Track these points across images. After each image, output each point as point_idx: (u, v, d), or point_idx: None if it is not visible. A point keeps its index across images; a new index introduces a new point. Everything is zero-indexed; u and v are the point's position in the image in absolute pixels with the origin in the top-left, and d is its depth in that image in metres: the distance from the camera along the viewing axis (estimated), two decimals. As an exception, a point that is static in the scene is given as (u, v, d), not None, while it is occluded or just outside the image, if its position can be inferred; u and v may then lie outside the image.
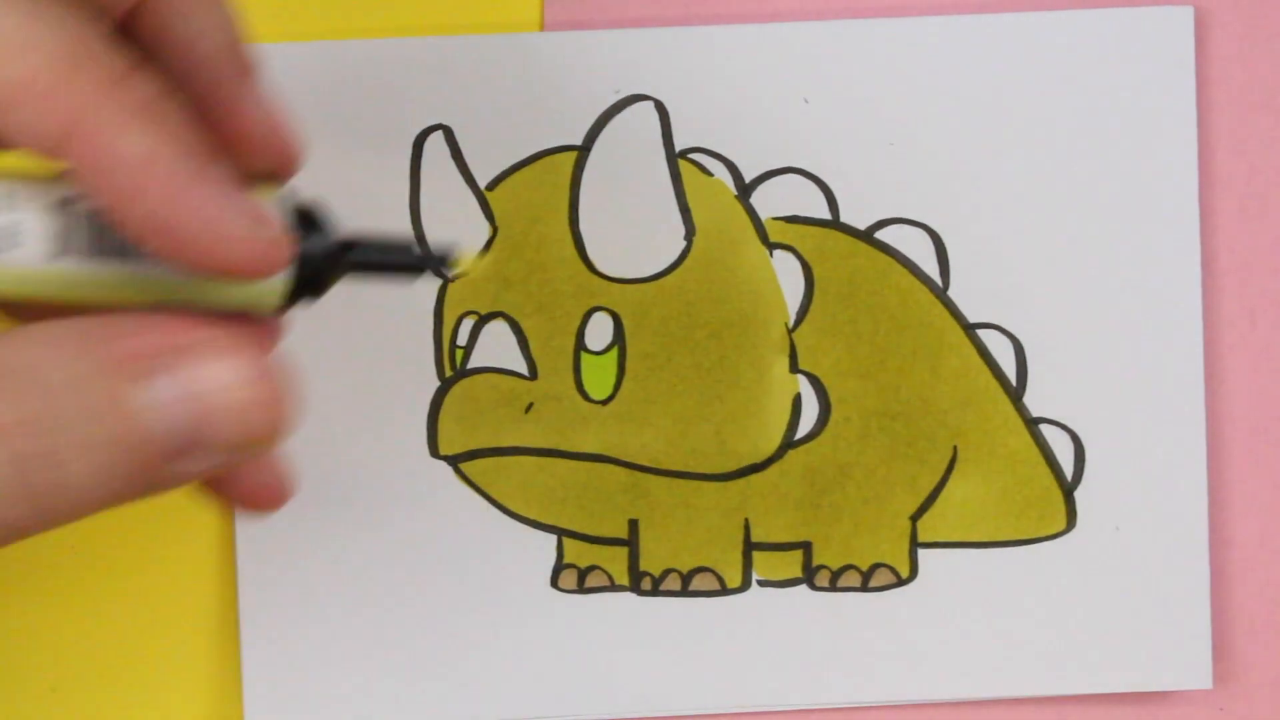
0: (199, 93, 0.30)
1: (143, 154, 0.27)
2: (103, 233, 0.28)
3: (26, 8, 0.27)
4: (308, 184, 0.32)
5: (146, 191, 0.27)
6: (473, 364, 0.43)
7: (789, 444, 0.43)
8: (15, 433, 0.26)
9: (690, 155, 0.43)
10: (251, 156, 0.31)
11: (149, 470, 0.27)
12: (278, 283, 0.29)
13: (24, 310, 0.30)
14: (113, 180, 0.27)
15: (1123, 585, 0.43)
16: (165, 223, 0.27)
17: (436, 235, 0.43)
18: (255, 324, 0.30)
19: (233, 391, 0.28)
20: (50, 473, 0.26)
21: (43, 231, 0.28)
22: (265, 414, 0.28)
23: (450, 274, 0.38)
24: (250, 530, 0.43)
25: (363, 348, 0.42)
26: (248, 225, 0.28)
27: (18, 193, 0.28)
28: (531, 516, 0.43)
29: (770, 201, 0.43)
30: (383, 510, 0.43)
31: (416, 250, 0.31)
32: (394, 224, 0.42)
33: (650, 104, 0.43)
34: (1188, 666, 0.43)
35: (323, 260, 0.30)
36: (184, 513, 0.43)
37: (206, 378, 0.28)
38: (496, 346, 0.43)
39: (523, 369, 0.43)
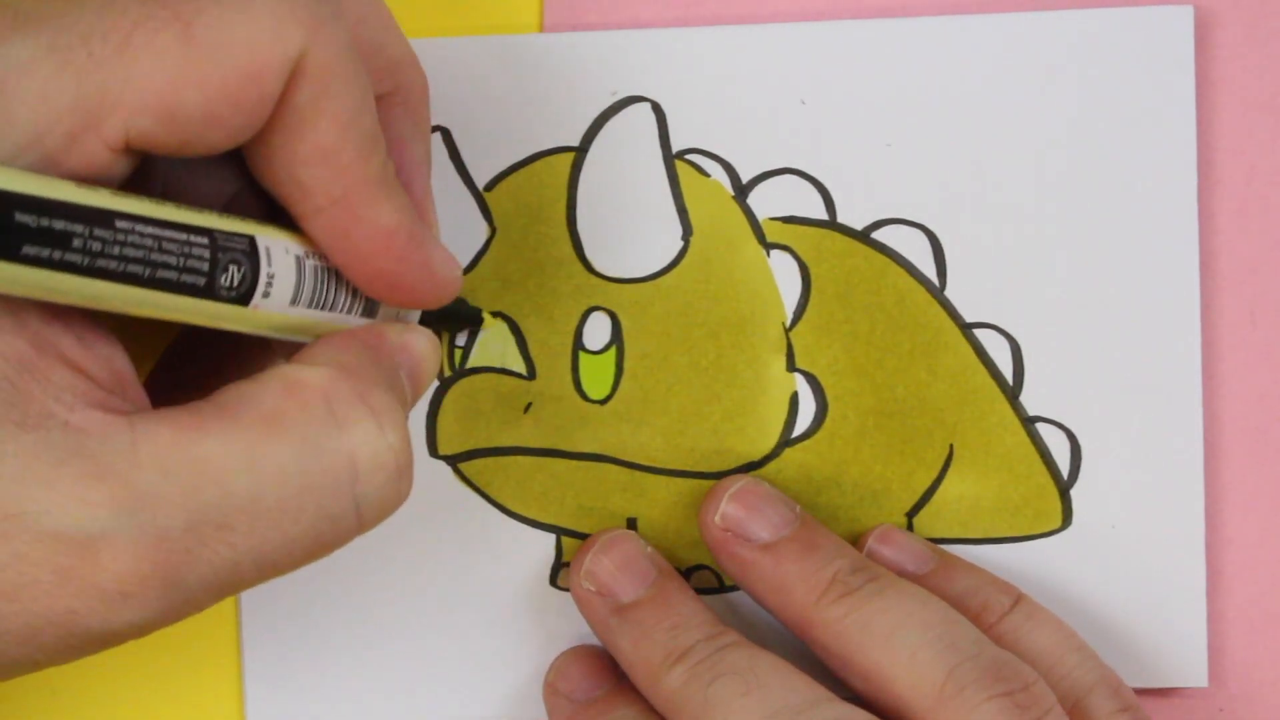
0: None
1: (391, 226, 0.34)
2: (320, 284, 0.35)
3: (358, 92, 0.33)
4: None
5: (388, 254, 0.34)
6: (471, 364, 0.43)
7: (786, 442, 0.43)
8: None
9: (687, 156, 0.43)
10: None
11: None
12: None
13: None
14: (359, 244, 0.34)
15: (1119, 584, 0.43)
16: (394, 279, 0.35)
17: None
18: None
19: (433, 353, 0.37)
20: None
21: (287, 282, 0.34)
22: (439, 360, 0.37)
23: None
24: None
25: (362, 348, 0.43)
26: (449, 270, 0.36)
27: (274, 248, 0.34)
28: (530, 516, 0.43)
29: (767, 202, 0.43)
30: (382, 510, 0.43)
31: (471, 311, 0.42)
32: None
33: (647, 105, 0.43)
34: (1184, 665, 0.43)
35: None
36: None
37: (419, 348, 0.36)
38: (495, 346, 0.43)
39: (521, 369, 0.43)
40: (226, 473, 0.31)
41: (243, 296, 0.33)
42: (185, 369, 0.38)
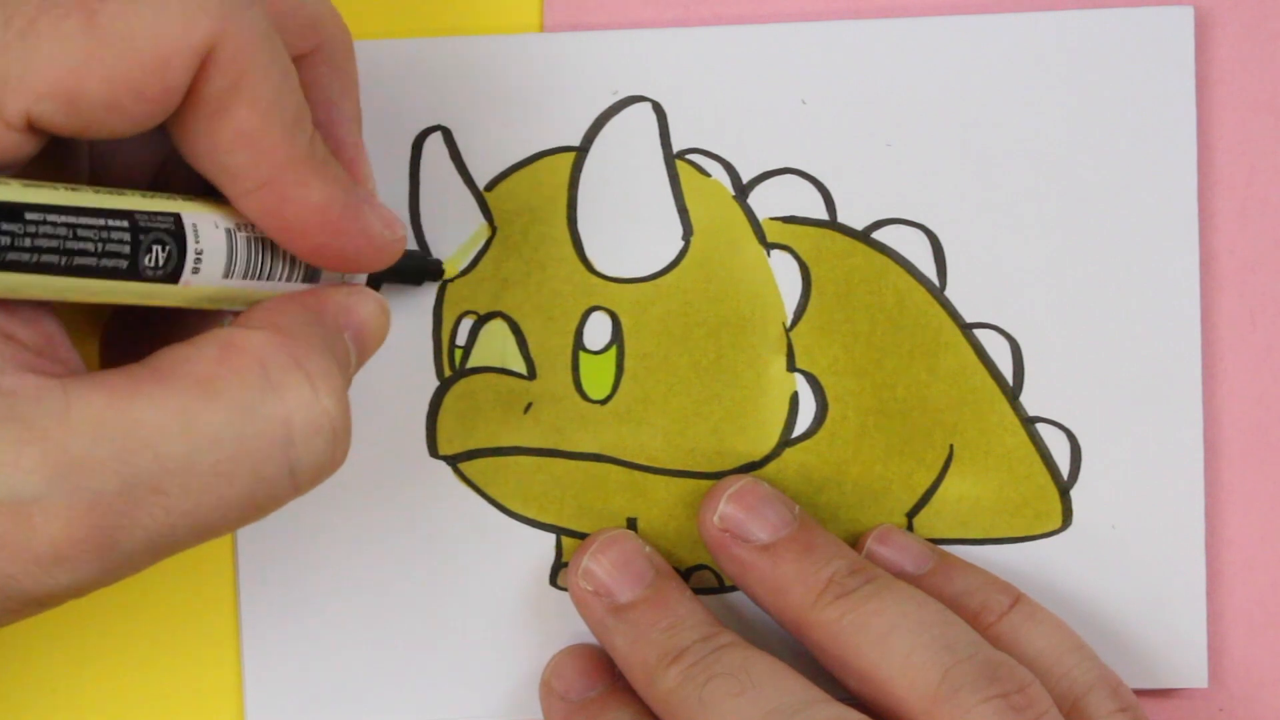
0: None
1: (322, 201, 0.34)
2: (254, 256, 0.35)
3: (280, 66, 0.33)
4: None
5: (323, 229, 0.34)
6: (471, 364, 0.43)
7: (786, 442, 0.43)
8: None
9: (688, 156, 0.43)
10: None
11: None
12: None
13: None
14: (292, 221, 0.34)
15: (1119, 584, 0.43)
16: (331, 249, 0.35)
17: (436, 235, 0.43)
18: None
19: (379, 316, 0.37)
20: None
21: (218, 257, 0.34)
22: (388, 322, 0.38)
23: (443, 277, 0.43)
24: (250, 530, 0.43)
25: (363, 348, 0.43)
26: (388, 233, 0.36)
27: (202, 224, 0.33)
28: (530, 516, 0.43)
29: (768, 202, 0.43)
30: (382, 510, 0.43)
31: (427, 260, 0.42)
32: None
33: (648, 105, 0.43)
34: (1184, 665, 0.43)
35: None
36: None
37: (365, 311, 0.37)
38: (495, 346, 0.43)
39: (522, 369, 0.43)
40: (160, 437, 0.31)
41: (171, 275, 0.33)
42: (137, 330, 0.38)
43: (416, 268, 0.42)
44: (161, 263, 0.33)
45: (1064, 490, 0.43)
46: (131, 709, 0.44)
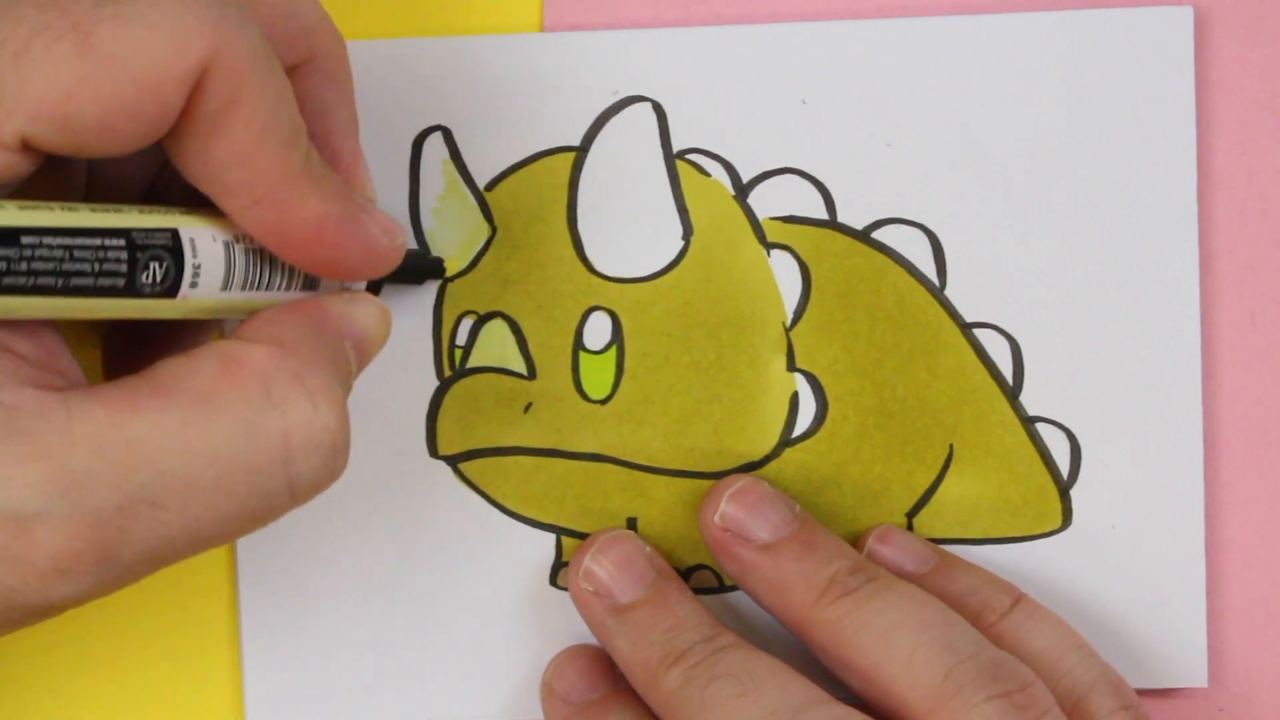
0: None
1: (320, 215, 0.34)
2: (253, 268, 0.35)
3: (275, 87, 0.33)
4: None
5: (322, 241, 0.34)
6: (471, 364, 0.43)
7: (786, 442, 0.43)
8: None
9: (688, 156, 0.43)
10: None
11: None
12: None
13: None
14: (291, 235, 0.34)
15: (1119, 583, 0.43)
16: (331, 261, 0.35)
17: (436, 236, 0.43)
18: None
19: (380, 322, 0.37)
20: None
21: (216, 270, 0.34)
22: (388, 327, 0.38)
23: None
24: (250, 530, 0.43)
25: (363, 348, 0.43)
26: (388, 241, 0.36)
27: (199, 238, 0.33)
28: (530, 515, 0.43)
29: (768, 201, 0.43)
30: (382, 510, 0.43)
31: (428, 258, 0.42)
32: (394, 224, 0.43)
33: (648, 105, 0.43)
34: (1184, 665, 0.43)
35: None
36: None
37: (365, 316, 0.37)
38: (495, 346, 0.43)
39: (522, 369, 0.43)
40: (160, 453, 0.31)
41: (169, 290, 0.33)
42: (140, 337, 0.38)
43: (417, 267, 0.42)
44: (159, 279, 0.33)
45: (1064, 490, 0.43)
46: (131, 709, 0.44)
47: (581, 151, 0.43)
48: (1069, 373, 0.43)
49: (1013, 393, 0.43)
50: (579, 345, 0.43)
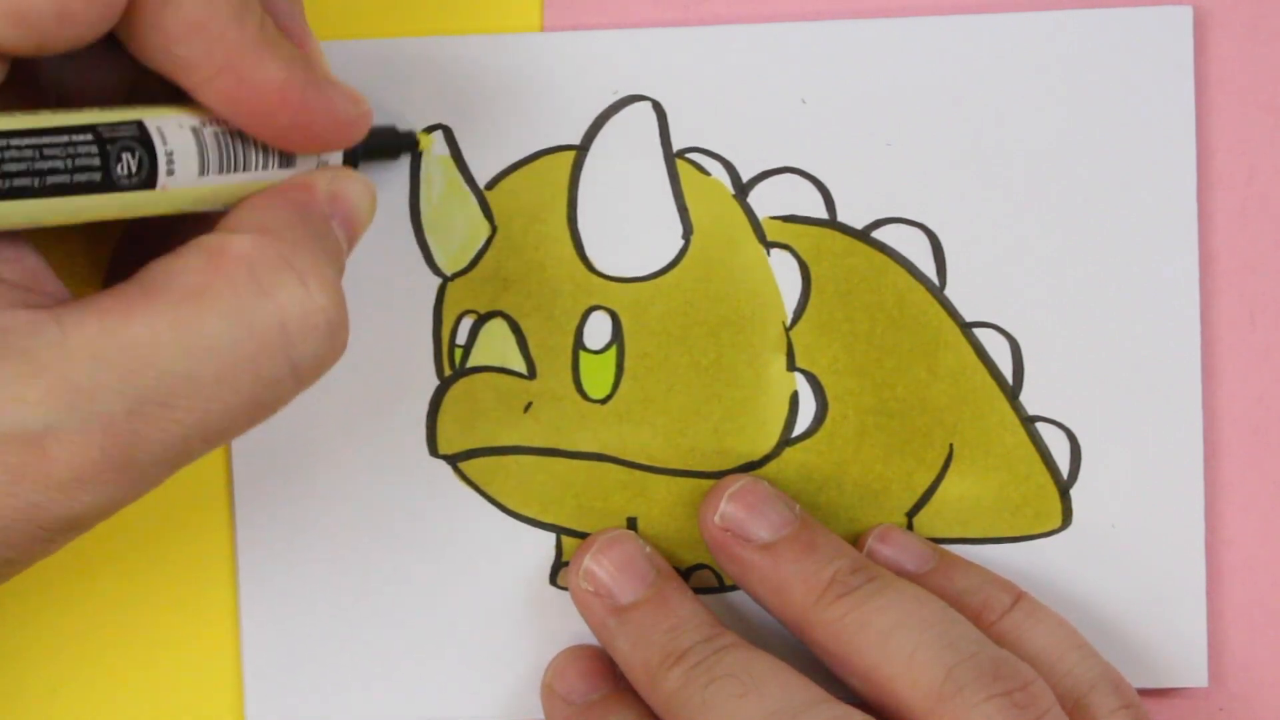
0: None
1: (281, 80, 0.34)
2: (225, 149, 0.35)
3: None
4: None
5: (286, 108, 0.34)
6: (471, 363, 0.43)
7: (786, 442, 0.43)
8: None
9: (688, 155, 0.43)
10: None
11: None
12: None
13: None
14: (254, 105, 0.34)
15: (1119, 583, 0.43)
16: (299, 129, 0.35)
17: (436, 234, 0.43)
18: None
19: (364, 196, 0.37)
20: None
21: (190, 155, 0.34)
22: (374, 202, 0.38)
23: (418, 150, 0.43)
24: (250, 529, 0.43)
25: (362, 346, 0.43)
26: (353, 107, 0.36)
27: (166, 127, 0.33)
28: (530, 515, 0.43)
29: (767, 201, 0.43)
30: (382, 509, 0.43)
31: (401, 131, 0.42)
32: (394, 223, 0.43)
33: (648, 104, 0.43)
34: (1184, 664, 0.43)
35: None
36: (185, 513, 0.43)
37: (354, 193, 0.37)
38: (496, 345, 0.43)
39: (522, 368, 0.43)
40: (158, 353, 0.32)
41: (146, 181, 0.33)
42: (141, 259, 0.38)
43: (390, 143, 0.42)
44: (134, 169, 0.33)
45: (1064, 490, 0.43)
46: (131, 707, 0.44)
47: (581, 151, 0.43)
48: (1069, 372, 0.43)
49: (1013, 392, 0.43)
50: (579, 345, 0.43)
